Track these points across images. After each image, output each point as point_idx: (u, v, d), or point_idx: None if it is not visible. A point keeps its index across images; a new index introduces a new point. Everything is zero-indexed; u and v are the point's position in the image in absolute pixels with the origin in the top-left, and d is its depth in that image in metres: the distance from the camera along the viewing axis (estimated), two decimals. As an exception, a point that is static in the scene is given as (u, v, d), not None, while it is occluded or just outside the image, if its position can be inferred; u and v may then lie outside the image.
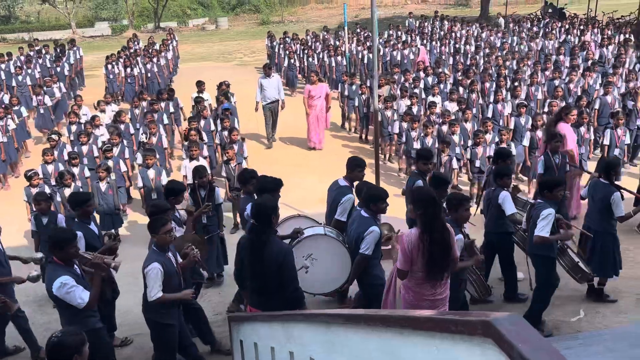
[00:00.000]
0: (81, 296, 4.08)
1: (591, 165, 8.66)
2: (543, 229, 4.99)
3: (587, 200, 6.14)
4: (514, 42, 18.00)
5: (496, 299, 6.07)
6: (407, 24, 25.32)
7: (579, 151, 8.04)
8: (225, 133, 9.42)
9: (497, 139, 9.31)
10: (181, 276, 4.61)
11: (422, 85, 12.77)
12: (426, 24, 23.86)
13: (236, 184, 8.52)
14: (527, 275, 5.67)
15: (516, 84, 11.43)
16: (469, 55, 15.43)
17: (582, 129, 8.95)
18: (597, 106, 10.59)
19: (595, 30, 18.91)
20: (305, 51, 18.12)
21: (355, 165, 5.77)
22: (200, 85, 11.67)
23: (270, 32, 22.38)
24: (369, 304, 4.98)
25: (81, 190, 8.20)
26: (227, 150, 8.59)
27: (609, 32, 18.43)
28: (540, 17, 24.74)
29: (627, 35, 17.97)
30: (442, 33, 20.82)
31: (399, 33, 21.50)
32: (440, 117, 9.95)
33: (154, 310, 4.48)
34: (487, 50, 15.92)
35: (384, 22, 35.18)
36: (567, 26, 19.87)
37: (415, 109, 10.89)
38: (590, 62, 13.16)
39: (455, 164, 9.02)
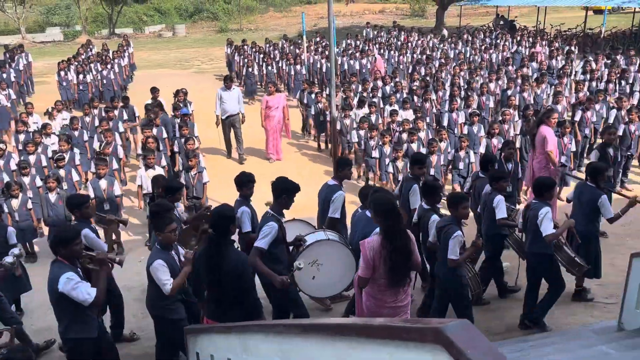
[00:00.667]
0: (88, 292, 4.04)
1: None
2: (548, 227, 5.19)
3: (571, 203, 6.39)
4: (467, 52, 18.50)
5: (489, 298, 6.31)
6: (364, 34, 25.71)
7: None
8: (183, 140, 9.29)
9: (451, 148, 9.56)
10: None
11: (380, 94, 12.94)
12: (383, 33, 24.26)
13: (195, 193, 8.42)
14: (517, 272, 5.91)
15: (469, 93, 11.73)
16: (427, 65, 15.70)
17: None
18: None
19: (544, 42, 19.65)
20: (265, 59, 18.08)
21: (344, 165, 6.00)
22: (154, 91, 11.44)
23: (230, 40, 22.25)
24: None
25: (30, 201, 7.94)
26: (190, 159, 8.47)
27: (557, 44, 19.21)
28: (492, 29, 25.56)
29: (573, 47, 18.74)
30: (399, 43, 21.19)
31: (357, 42, 21.78)
32: (400, 125, 10.09)
33: (160, 306, 4.52)
34: (442, 60, 16.28)
35: (342, 31, 35.50)
36: (517, 38, 20.55)
37: (374, 118, 11.01)
38: (540, 72, 13.66)
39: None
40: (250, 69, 17.44)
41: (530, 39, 19.88)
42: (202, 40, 37.16)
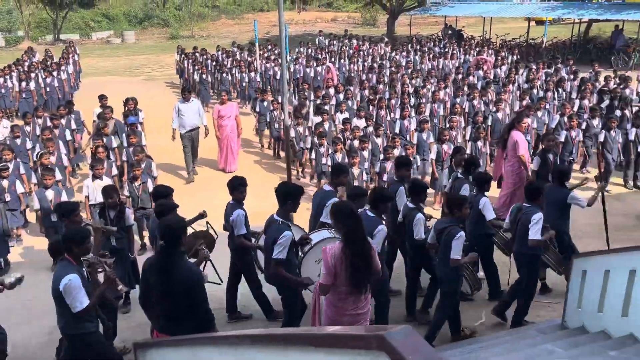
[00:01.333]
0: (81, 300, 4.17)
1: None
2: (537, 233, 5.42)
3: None
4: (417, 61, 18.92)
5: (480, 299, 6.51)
6: (317, 42, 25.89)
7: (480, 164, 8.57)
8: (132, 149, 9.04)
9: (403, 154, 9.73)
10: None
11: (333, 102, 13.05)
12: (335, 42, 24.51)
13: (140, 204, 8.20)
14: (508, 271, 6.12)
15: (422, 100, 12.00)
16: (379, 73, 15.96)
17: (479, 143, 9.54)
18: (489, 122, 11.36)
19: (490, 51, 20.35)
20: (217, 67, 17.91)
21: (340, 171, 6.16)
22: (102, 99, 11.09)
23: (180, 47, 21.93)
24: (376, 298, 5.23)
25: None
26: (135, 169, 8.24)
27: (503, 54, 19.94)
28: (441, 38, 26.28)
29: (517, 57, 19.51)
30: (351, 52, 21.44)
31: (309, 50, 21.91)
32: (351, 132, 10.19)
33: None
34: (392, 69, 16.58)
35: (295, 39, 35.61)
36: (465, 47, 21.19)
37: (326, 126, 11.08)
38: (485, 80, 14.13)
39: (365, 177, 9.28)
40: (203, 76, 17.22)
41: (478, 49, 20.52)
42: (153, 47, 36.45)
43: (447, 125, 10.69)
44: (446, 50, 20.55)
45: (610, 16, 22.49)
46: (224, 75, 17.14)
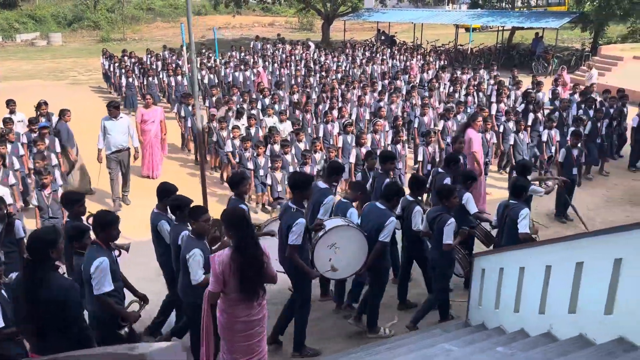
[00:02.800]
0: (110, 282, 4.23)
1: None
2: (526, 227, 5.63)
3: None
4: (348, 65, 19.13)
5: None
6: (252, 46, 25.72)
7: (396, 167, 8.71)
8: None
9: (325, 157, 9.75)
10: None
11: (260, 106, 12.93)
12: (269, 46, 24.43)
13: (50, 214, 7.76)
14: None
15: (344, 104, 12.09)
16: (307, 77, 15.98)
17: (399, 147, 9.70)
18: (416, 125, 11.61)
19: (419, 56, 20.87)
20: (143, 70, 17.39)
21: (336, 170, 6.32)
22: (9, 104, 10.45)
23: (106, 50, 21.18)
24: (380, 289, 5.68)
25: None
26: (43, 176, 7.77)
27: (431, 59, 20.51)
28: (374, 43, 26.76)
29: (444, 62, 20.11)
30: (283, 56, 21.41)
31: (241, 54, 21.71)
32: (272, 137, 10.10)
33: (193, 293, 4.61)
34: (323, 73, 16.66)
35: (230, 43, 35.26)
36: (394, 52, 21.63)
37: (253, 130, 10.95)
38: (411, 85, 14.44)
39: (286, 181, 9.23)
40: (130, 80, 16.67)
41: (407, 54, 20.99)
42: (81, 50, 35.03)
43: (371, 129, 10.83)
44: (374, 55, 20.85)
45: (530, 24, 23.64)
46: (151, 79, 16.66)
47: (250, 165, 9.50)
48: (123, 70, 17.24)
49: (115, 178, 9.57)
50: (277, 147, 9.80)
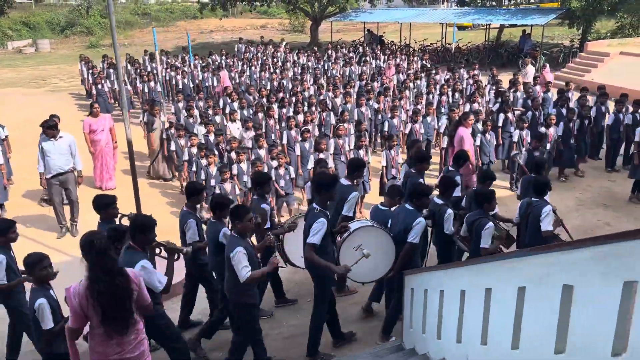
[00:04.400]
0: (160, 279, 4.32)
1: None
2: (549, 224, 5.64)
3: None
4: (329, 67, 18.73)
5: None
6: (236, 49, 25.37)
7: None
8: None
9: (288, 165, 9.37)
10: (258, 258, 4.90)
11: (228, 110, 12.54)
12: (252, 48, 24.05)
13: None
14: None
15: (312, 108, 11.69)
16: (280, 80, 15.59)
17: (362, 152, 9.29)
18: (385, 128, 11.20)
19: (403, 56, 20.40)
20: (117, 76, 17.02)
21: (358, 167, 6.29)
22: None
23: (84, 56, 20.85)
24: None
25: None
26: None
27: (415, 58, 20.04)
28: (359, 44, 26.33)
29: (426, 61, 19.63)
30: (264, 58, 21.02)
31: (222, 57, 21.34)
32: (228, 144, 9.73)
33: (240, 292, 4.72)
34: (298, 76, 16.27)
35: (221, 46, 34.95)
36: (377, 52, 21.19)
37: (212, 137, 10.57)
38: (384, 87, 14.02)
39: (237, 191, 8.84)
40: (100, 86, 16.32)
41: (388, 53, 20.55)
42: (68, 56, 34.73)
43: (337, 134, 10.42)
44: (359, 56, 20.43)
45: (517, 21, 23.16)
46: (152, 84, 16.26)
47: (202, 175, 9.11)
48: (95, 77, 16.87)
49: (59, 203, 8.75)
50: (233, 155, 9.43)
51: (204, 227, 5.79)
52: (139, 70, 17.74)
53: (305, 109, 12.04)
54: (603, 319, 2.41)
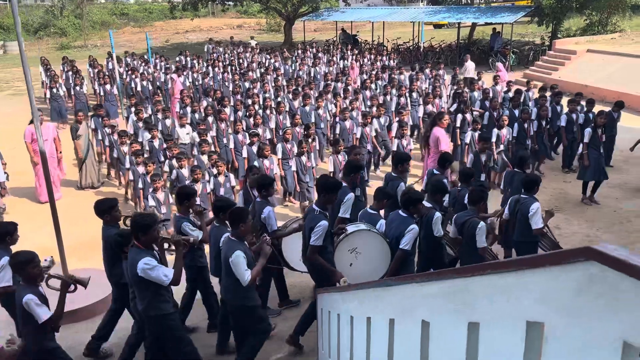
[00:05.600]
0: (165, 273, 4.33)
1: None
2: (538, 222, 5.70)
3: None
4: (292, 68, 18.40)
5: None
6: (205, 49, 24.99)
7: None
8: None
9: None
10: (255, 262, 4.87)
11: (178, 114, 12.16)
12: (221, 49, 23.67)
13: None
14: None
15: (268, 111, 11.36)
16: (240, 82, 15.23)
17: (304, 158, 8.99)
18: (337, 131, 10.90)
19: (371, 56, 20.13)
20: (75, 79, 16.55)
21: (355, 169, 6.44)
22: None
23: (44, 59, 20.33)
24: None
25: None
26: None
27: (384, 58, 19.77)
28: (336, 43, 26.05)
29: (394, 61, 19.37)
30: (232, 59, 20.66)
31: (188, 59, 20.94)
32: (169, 150, 9.36)
33: (241, 296, 4.71)
34: (258, 78, 15.92)
35: (195, 46, 34.50)
36: (346, 52, 20.91)
37: (156, 143, 10.21)
38: (343, 88, 13.72)
39: (171, 198, 8.49)
40: (55, 90, 15.82)
41: (357, 54, 20.28)
42: (38, 58, 34.01)
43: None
44: (320, 56, 20.09)
45: (486, 19, 23.01)
46: (77, 88, 15.81)
47: (140, 183, 8.75)
48: (50, 79, 16.38)
49: None
50: (174, 162, 9.07)
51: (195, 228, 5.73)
52: (99, 73, 17.27)
53: (261, 111, 11.73)
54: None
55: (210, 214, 6.68)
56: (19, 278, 4.60)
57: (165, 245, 4.77)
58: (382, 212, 6.06)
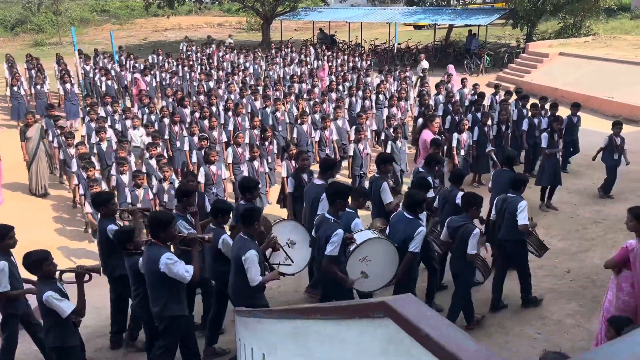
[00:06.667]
0: (187, 269, 4.29)
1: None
2: (525, 219, 5.76)
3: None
4: (267, 69, 18.10)
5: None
6: (181, 48, 24.62)
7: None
8: None
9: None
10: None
11: (141, 115, 11.80)
12: (194, 48, 23.29)
13: None
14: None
15: (230, 113, 11.08)
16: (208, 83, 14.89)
17: (256, 163, 8.71)
18: (294, 134, 10.64)
19: (346, 57, 19.86)
20: (36, 77, 16.09)
21: (332, 166, 6.57)
22: None
23: (9, 56, 19.81)
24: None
25: None
26: None
27: (356, 58, 19.53)
28: (314, 43, 25.81)
29: (367, 62, 19.14)
30: (203, 58, 20.29)
31: (160, 58, 20.53)
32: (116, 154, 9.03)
33: (250, 296, 4.66)
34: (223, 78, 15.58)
35: (172, 45, 33.97)
36: (318, 53, 20.65)
37: (104, 145, 9.85)
38: (307, 89, 13.45)
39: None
40: (15, 88, 15.34)
41: (329, 55, 20.04)
42: (11, 55, 33.28)
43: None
44: (294, 57, 19.81)
45: (462, 21, 22.91)
46: (39, 87, 15.34)
47: (81, 189, 8.40)
48: (12, 77, 15.90)
49: None
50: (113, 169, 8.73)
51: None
52: (62, 71, 16.80)
53: (223, 113, 11.44)
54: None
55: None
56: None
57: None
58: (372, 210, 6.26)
